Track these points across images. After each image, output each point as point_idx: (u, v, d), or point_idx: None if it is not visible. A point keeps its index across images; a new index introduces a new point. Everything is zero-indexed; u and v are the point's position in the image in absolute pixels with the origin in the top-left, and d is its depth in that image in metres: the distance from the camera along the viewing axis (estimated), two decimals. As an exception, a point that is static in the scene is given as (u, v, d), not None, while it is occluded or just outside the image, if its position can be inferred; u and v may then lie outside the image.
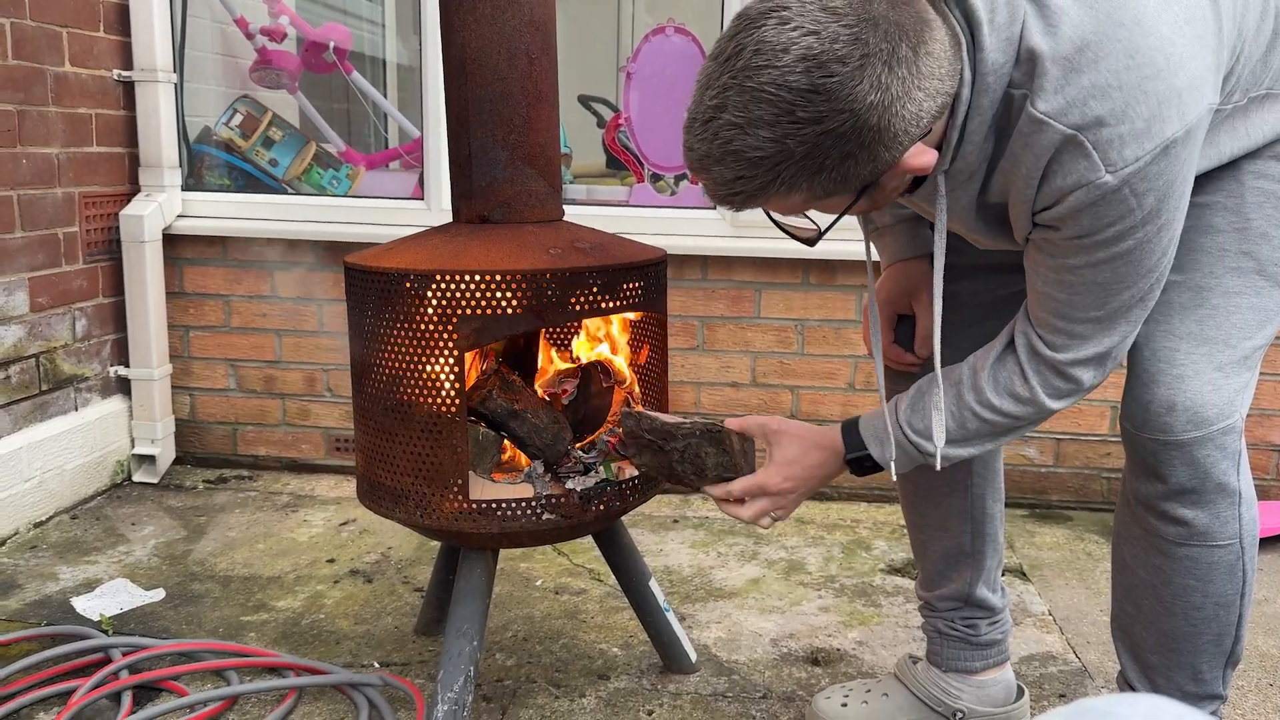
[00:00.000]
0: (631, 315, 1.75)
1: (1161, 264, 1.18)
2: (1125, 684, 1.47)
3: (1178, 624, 1.37)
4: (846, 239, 2.65)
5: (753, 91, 1.01)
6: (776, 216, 1.20)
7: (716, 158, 1.06)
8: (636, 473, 1.62)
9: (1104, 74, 1.06)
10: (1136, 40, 1.06)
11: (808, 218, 1.20)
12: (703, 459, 1.42)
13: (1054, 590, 2.27)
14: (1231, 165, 1.28)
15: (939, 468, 1.32)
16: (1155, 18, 1.07)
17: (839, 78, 1.00)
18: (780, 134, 1.02)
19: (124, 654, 1.83)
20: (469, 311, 1.47)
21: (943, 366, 1.33)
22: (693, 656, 1.89)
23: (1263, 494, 2.74)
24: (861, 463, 1.37)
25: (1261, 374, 2.65)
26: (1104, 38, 1.06)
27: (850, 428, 1.38)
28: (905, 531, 2.59)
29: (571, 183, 3.02)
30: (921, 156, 1.10)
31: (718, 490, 1.40)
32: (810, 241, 1.21)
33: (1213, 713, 1.43)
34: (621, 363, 1.76)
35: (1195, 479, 1.29)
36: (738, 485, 1.39)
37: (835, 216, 1.16)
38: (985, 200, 1.23)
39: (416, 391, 1.51)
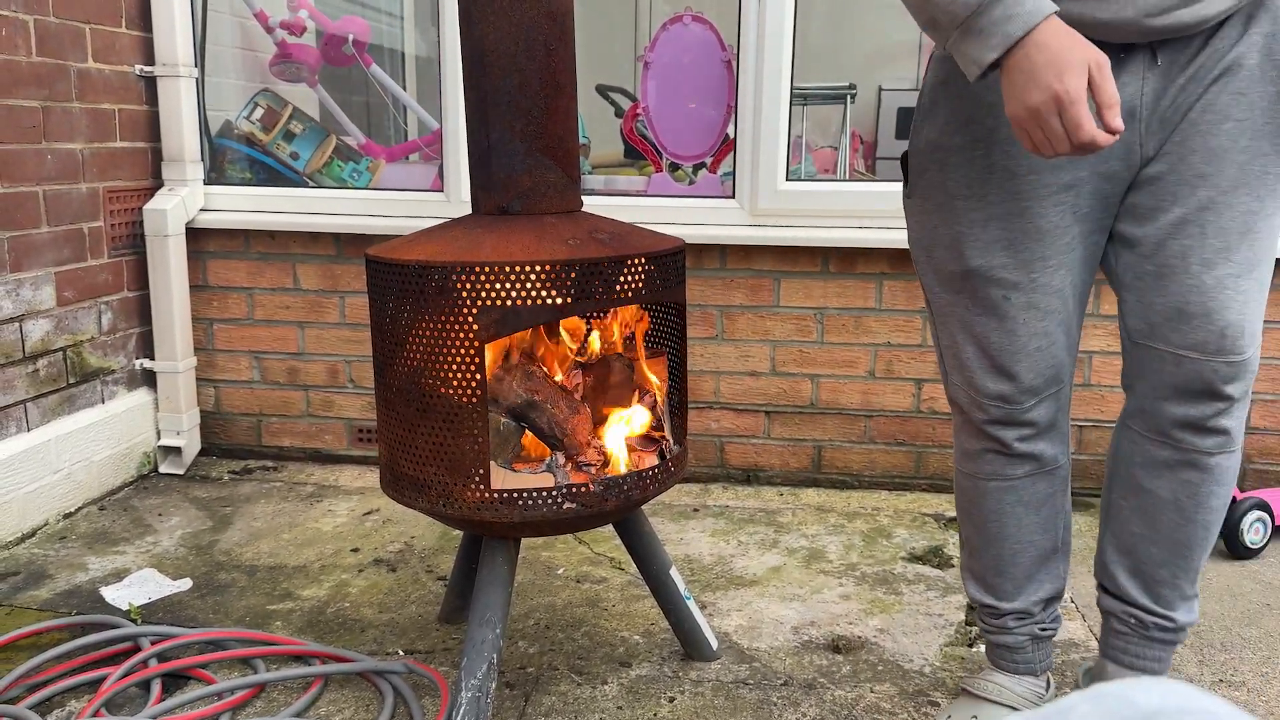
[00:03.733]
0: (650, 305, 1.75)
1: None
2: (1121, 604, 1.53)
3: (1195, 531, 1.46)
4: (864, 226, 2.67)
5: None
6: None
7: None
8: (656, 462, 1.63)
9: None
10: None
11: None
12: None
13: (1076, 578, 2.27)
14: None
15: None
16: None
17: None
18: None
19: (153, 643, 1.86)
20: (489, 303, 1.48)
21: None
22: (714, 644, 1.90)
23: (1288, 480, 2.71)
24: None
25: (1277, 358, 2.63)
26: None
27: None
28: (926, 519, 2.60)
29: (590, 173, 3.02)
30: None
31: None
32: None
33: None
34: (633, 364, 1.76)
35: (1245, 387, 1.39)
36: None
37: None
38: None
39: (438, 382, 1.52)
